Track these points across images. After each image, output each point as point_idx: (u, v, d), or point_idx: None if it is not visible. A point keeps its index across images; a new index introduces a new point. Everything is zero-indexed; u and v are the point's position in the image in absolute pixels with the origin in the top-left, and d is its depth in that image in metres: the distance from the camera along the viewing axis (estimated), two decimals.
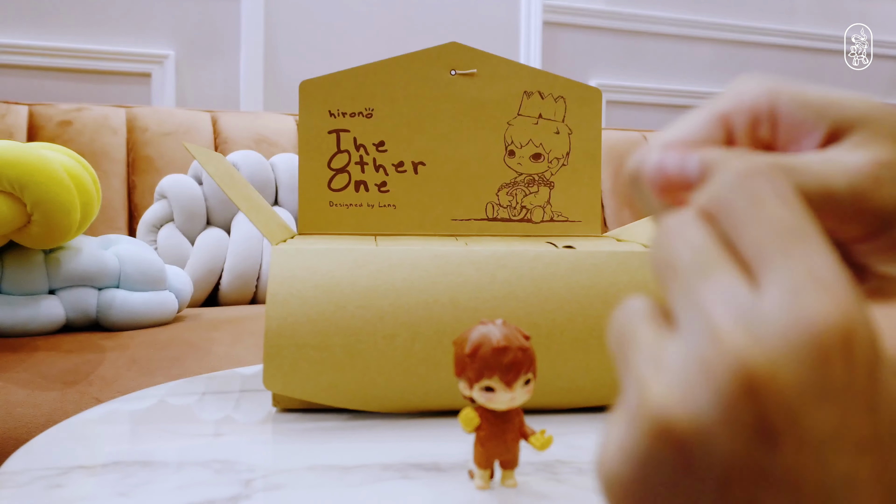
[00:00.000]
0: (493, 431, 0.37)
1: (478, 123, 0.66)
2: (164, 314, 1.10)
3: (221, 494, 0.38)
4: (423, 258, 0.51)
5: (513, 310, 0.51)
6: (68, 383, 0.86)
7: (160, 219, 1.40)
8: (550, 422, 0.50)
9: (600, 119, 0.67)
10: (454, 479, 0.40)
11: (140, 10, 1.86)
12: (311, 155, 0.64)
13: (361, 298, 0.50)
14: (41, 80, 1.79)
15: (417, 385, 0.50)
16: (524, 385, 0.36)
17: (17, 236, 0.96)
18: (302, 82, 0.63)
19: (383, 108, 0.65)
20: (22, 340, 0.97)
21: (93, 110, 1.56)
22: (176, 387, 0.60)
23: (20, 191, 0.92)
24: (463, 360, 0.36)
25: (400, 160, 0.65)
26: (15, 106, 1.52)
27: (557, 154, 0.67)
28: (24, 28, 1.78)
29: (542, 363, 0.50)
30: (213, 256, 1.37)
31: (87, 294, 1.05)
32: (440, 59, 0.65)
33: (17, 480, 0.39)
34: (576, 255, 0.53)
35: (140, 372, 0.90)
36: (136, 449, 0.45)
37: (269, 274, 0.50)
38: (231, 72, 1.94)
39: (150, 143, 1.56)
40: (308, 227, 0.64)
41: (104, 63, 1.83)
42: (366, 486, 0.39)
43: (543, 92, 0.66)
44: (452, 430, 0.48)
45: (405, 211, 0.65)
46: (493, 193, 0.66)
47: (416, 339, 0.50)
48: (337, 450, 0.45)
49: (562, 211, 0.67)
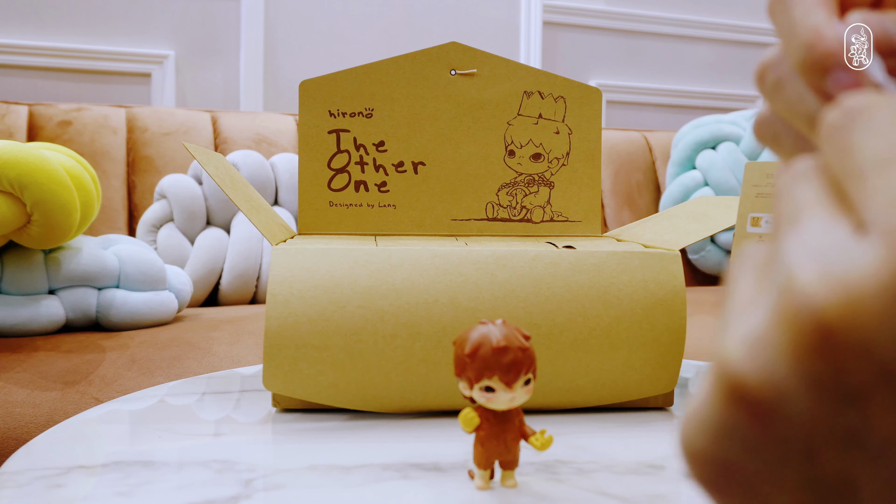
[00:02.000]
0: (493, 431, 0.37)
1: (478, 123, 0.66)
2: (164, 314, 1.10)
3: (221, 494, 0.38)
4: (423, 258, 0.51)
5: (513, 310, 0.51)
6: (68, 383, 0.86)
7: (160, 219, 1.40)
8: (550, 422, 0.50)
9: (600, 119, 0.67)
10: (454, 479, 0.40)
11: (140, 10, 1.86)
12: (311, 155, 0.64)
13: (361, 298, 0.50)
14: (41, 80, 1.79)
15: (417, 385, 0.50)
16: (524, 385, 0.36)
17: (17, 236, 0.96)
18: (302, 82, 0.63)
19: (383, 108, 0.65)
20: (22, 340, 0.97)
21: (93, 110, 1.56)
22: (176, 387, 0.60)
23: (20, 191, 0.92)
24: (463, 360, 0.36)
25: (400, 160, 0.65)
26: (15, 106, 1.52)
27: (557, 154, 0.67)
28: (24, 28, 1.78)
29: (542, 363, 0.50)
30: (212, 256, 1.37)
31: (87, 294, 1.05)
32: (440, 59, 0.65)
33: (17, 480, 0.39)
34: (576, 255, 0.53)
35: (140, 372, 0.90)
36: (136, 449, 0.45)
37: (269, 274, 0.50)
38: (231, 72, 1.94)
39: (150, 143, 1.56)
40: (308, 227, 0.64)
41: (104, 63, 1.83)
42: (366, 486, 0.39)
43: (543, 92, 0.66)
44: (452, 430, 0.48)
45: (405, 211, 0.65)
46: (493, 193, 0.66)
47: (416, 339, 0.50)
48: (337, 450, 0.45)
49: (562, 211, 0.67)
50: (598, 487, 0.39)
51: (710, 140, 1.76)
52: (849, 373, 0.14)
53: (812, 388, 0.15)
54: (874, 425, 0.14)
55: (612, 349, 0.51)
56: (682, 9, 2.35)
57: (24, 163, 0.91)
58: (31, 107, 1.53)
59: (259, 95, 1.94)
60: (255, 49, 1.93)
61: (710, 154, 1.75)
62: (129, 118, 1.58)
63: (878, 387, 0.14)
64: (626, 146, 1.92)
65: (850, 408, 0.15)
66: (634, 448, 0.46)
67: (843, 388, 0.14)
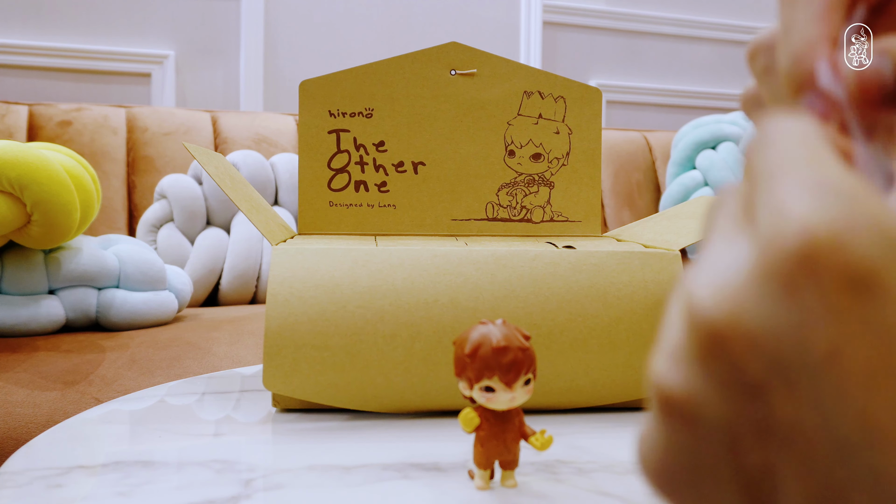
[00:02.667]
0: (493, 431, 0.37)
1: (478, 123, 0.66)
2: (164, 314, 1.10)
3: (221, 494, 0.38)
4: (423, 258, 0.51)
5: (513, 310, 0.51)
6: (68, 383, 0.86)
7: (160, 219, 1.40)
8: (550, 422, 0.50)
9: (600, 119, 0.67)
10: (454, 479, 0.40)
11: (140, 10, 1.86)
12: (311, 155, 0.64)
13: (361, 298, 0.50)
14: (41, 80, 1.79)
15: (417, 385, 0.50)
16: (524, 385, 0.36)
17: (17, 236, 0.96)
18: (302, 82, 0.63)
19: (383, 108, 0.65)
20: (22, 340, 0.97)
21: (93, 110, 1.56)
22: (176, 387, 0.60)
23: (20, 191, 0.92)
24: (463, 360, 0.36)
25: (400, 160, 0.65)
26: (15, 106, 1.52)
27: (557, 154, 0.67)
28: (24, 28, 1.78)
29: (542, 363, 0.50)
30: (213, 256, 1.37)
31: (87, 294, 1.05)
32: (440, 59, 0.65)
33: (17, 480, 0.39)
34: (576, 255, 0.53)
35: (140, 372, 0.90)
36: (136, 449, 0.45)
37: (269, 274, 0.50)
38: (231, 72, 1.94)
39: (150, 143, 1.56)
40: (308, 227, 0.64)
41: (104, 63, 1.83)
42: (366, 486, 0.39)
43: (543, 92, 0.66)
44: (452, 430, 0.48)
45: (405, 211, 0.65)
46: (493, 193, 0.66)
47: (416, 339, 0.50)
48: (337, 450, 0.45)
49: (562, 211, 0.67)
50: (598, 487, 0.39)
51: (710, 140, 1.76)
52: (745, 370, 0.16)
53: (720, 388, 0.16)
54: (778, 414, 0.15)
55: (612, 349, 0.51)
56: (682, 9, 2.35)
57: (24, 163, 0.91)
58: (31, 107, 1.53)
59: (259, 95, 1.94)
60: (255, 49, 1.93)
61: (710, 154, 1.75)
62: (129, 118, 1.58)
63: (771, 377, 0.15)
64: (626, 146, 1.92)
65: (754, 401, 0.16)
66: (634, 448, 0.46)
67: (745, 384, 0.16)
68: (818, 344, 0.15)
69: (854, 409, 0.15)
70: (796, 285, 0.15)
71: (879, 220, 0.15)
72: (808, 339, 0.15)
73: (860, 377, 0.15)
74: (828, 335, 0.15)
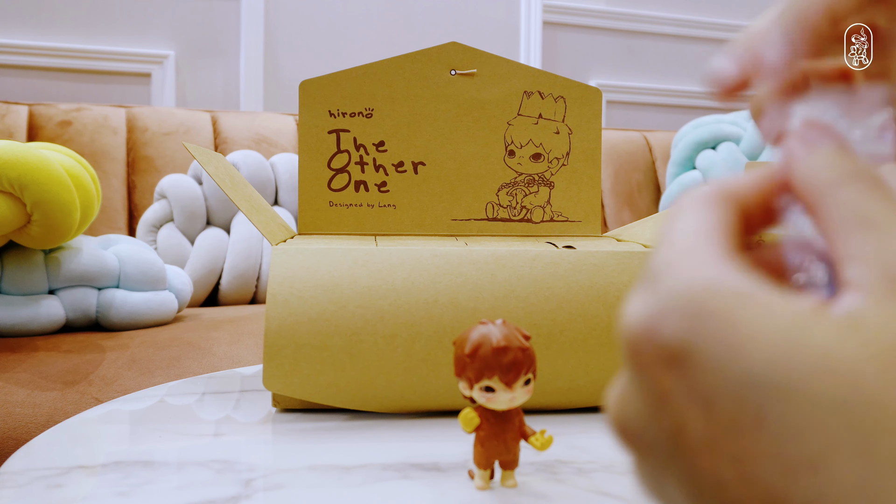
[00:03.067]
0: (493, 431, 0.37)
1: (478, 123, 0.66)
2: (164, 314, 1.10)
3: (221, 494, 0.38)
4: (423, 258, 0.51)
5: (513, 310, 0.51)
6: (68, 383, 0.86)
7: (160, 219, 1.40)
8: (550, 422, 0.50)
9: (600, 119, 0.67)
10: (454, 479, 0.40)
11: (140, 10, 1.86)
12: (311, 155, 0.64)
13: (361, 298, 0.50)
14: (41, 80, 1.79)
15: (417, 385, 0.50)
16: (524, 385, 0.36)
17: (17, 236, 0.96)
18: (302, 82, 0.63)
19: (383, 108, 0.65)
20: (22, 340, 0.97)
21: (93, 110, 1.56)
22: (176, 387, 0.60)
23: (20, 191, 0.92)
24: (463, 360, 0.36)
25: (400, 160, 0.65)
26: (15, 106, 1.52)
27: (557, 154, 0.67)
28: (24, 28, 1.78)
29: (542, 363, 0.50)
30: (212, 256, 1.37)
31: (87, 294, 1.05)
32: (440, 59, 0.65)
33: (17, 480, 0.39)
34: (576, 255, 0.53)
35: (140, 372, 0.90)
36: (136, 449, 0.45)
37: (269, 274, 0.50)
38: (231, 72, 1.94)
39: (150, 143, 1.56)
40: (308, 227, 0.64)
41: (104, 63, 1.83)
42: (366, 486, 0.39)
43: (543, 92, 0.66)
44: (452, 430, 0.48)
45: (405, 211, 0.65)
46: (493, 193, 0.66)
47: (416, 339, 0.50)
48: (337, 450, 0.45)
49: (562, 211, 0.67)
50: (598, 487, 0.39)
51: (711, 140, 1.76)
52: (655, 379, 0.17)
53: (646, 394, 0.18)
54: (685, 421, 0.17)
55: (612, 349, 0.51)
56: (682, 9, 2.35)
57: (24, 163, 0.91)
58: (31, 107, 1.53)
59: (259, 95, 1.94)
60: (255, 49, 1.93)
61: (710, 154, 1.75)
62: (129, 118, 1.58)
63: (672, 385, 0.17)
64: (626, 146, 1.92)
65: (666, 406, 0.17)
66: None
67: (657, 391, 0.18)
68: (665, 422, 0.17)
69: (708, 477, 0.17)
70: (635, 371, 0.18)
71: (694, 303, 0.17)
72: (659, 419, 0.17)
73: (703, 446, 0.17)
74: (670, 413, 0.17)
